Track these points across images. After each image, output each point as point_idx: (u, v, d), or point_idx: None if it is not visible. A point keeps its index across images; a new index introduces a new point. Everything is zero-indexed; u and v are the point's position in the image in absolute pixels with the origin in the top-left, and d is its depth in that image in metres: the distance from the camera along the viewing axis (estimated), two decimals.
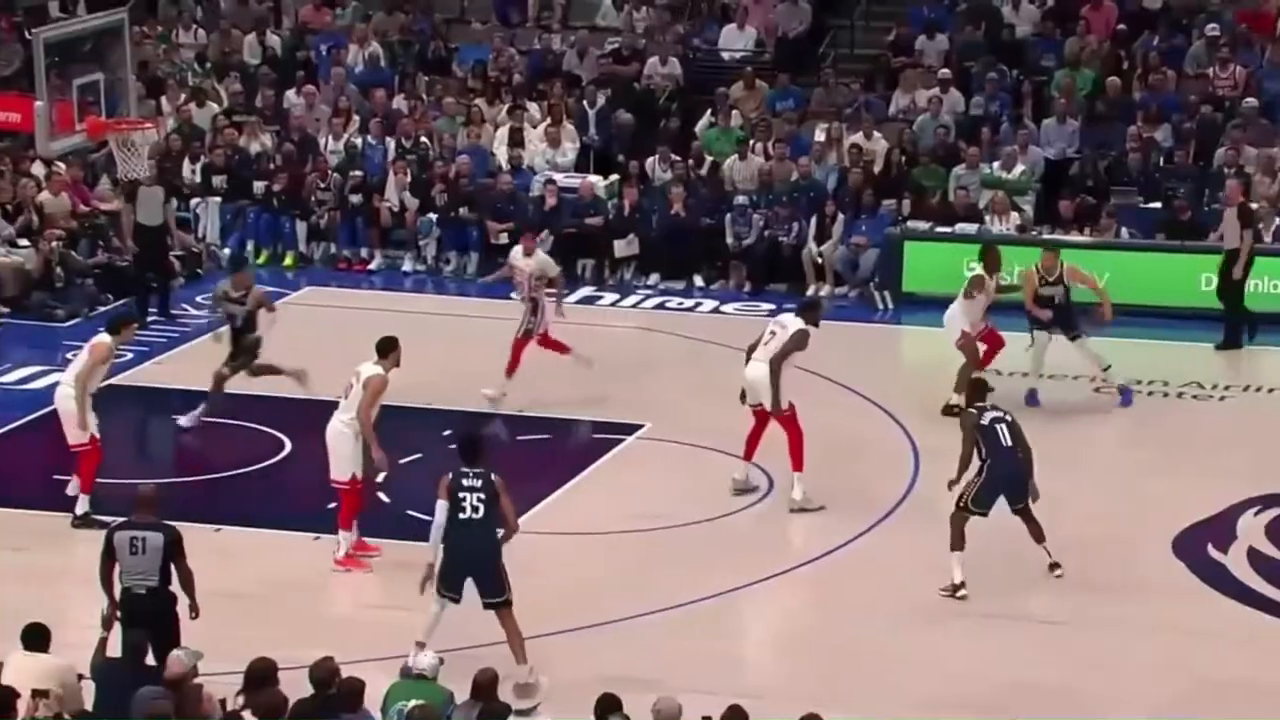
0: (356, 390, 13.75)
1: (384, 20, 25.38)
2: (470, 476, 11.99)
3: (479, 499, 11.89)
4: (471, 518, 11.91)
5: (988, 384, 14.02)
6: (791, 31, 25.02)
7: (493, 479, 12.00)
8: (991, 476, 13.32)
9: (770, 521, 14.82)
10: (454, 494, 11.96)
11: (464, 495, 11.91)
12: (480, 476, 11.99)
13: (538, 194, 22.05)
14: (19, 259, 19.97)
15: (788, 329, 14.91)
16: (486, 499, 11.91)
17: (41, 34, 16.93)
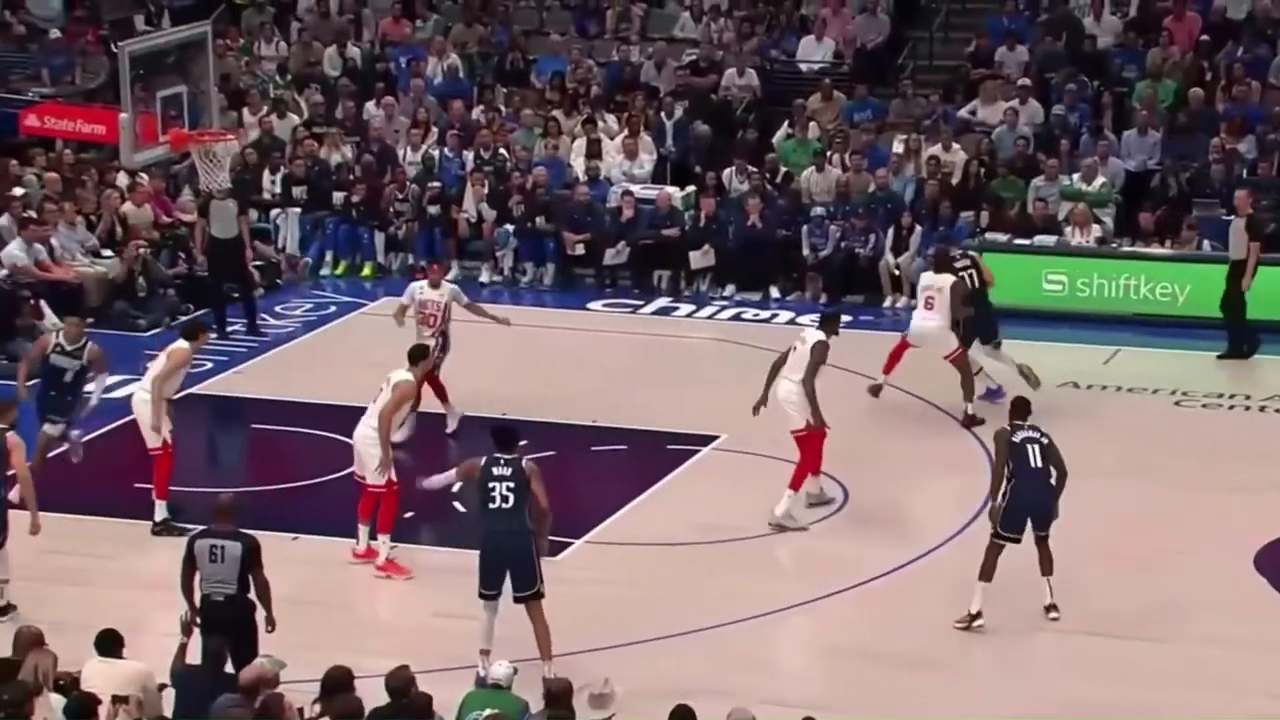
0: (385, 394, 13.79)
1: (463, 32, 25.53)
2: (501, 464, 11.88)
3: (508, 488, 11.80)
4: (501, 507, 11.81)
5: (1029, 403, 13.64)
6: (870, 43, 24.97)
7: (523, 466, 11.90)
8: (1016, 499, 12.98)
9: (846, 534, 14.76)
10: (483, 483, 11.88)
11: (493, 485, 11.83)
12: (511, 464, 11.87)
13: (614, 205, 22.10)
14: (102, 269, 20.20)
15: (807, 343, 14.84)
16: (516, 487, 11.80)
17: (127, 47, 17.15)
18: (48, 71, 24.47)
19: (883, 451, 16.29)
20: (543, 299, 21.54)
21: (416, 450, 15.69)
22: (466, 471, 12.11)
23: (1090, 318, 19.94)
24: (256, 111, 23.57)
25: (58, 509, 14.57)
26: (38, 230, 19.74)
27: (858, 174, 22.13)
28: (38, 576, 13.58)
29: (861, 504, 15.21)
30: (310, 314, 20.51)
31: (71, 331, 15.01)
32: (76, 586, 13.42)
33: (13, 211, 20.11)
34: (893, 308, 21.03)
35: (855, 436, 16.59)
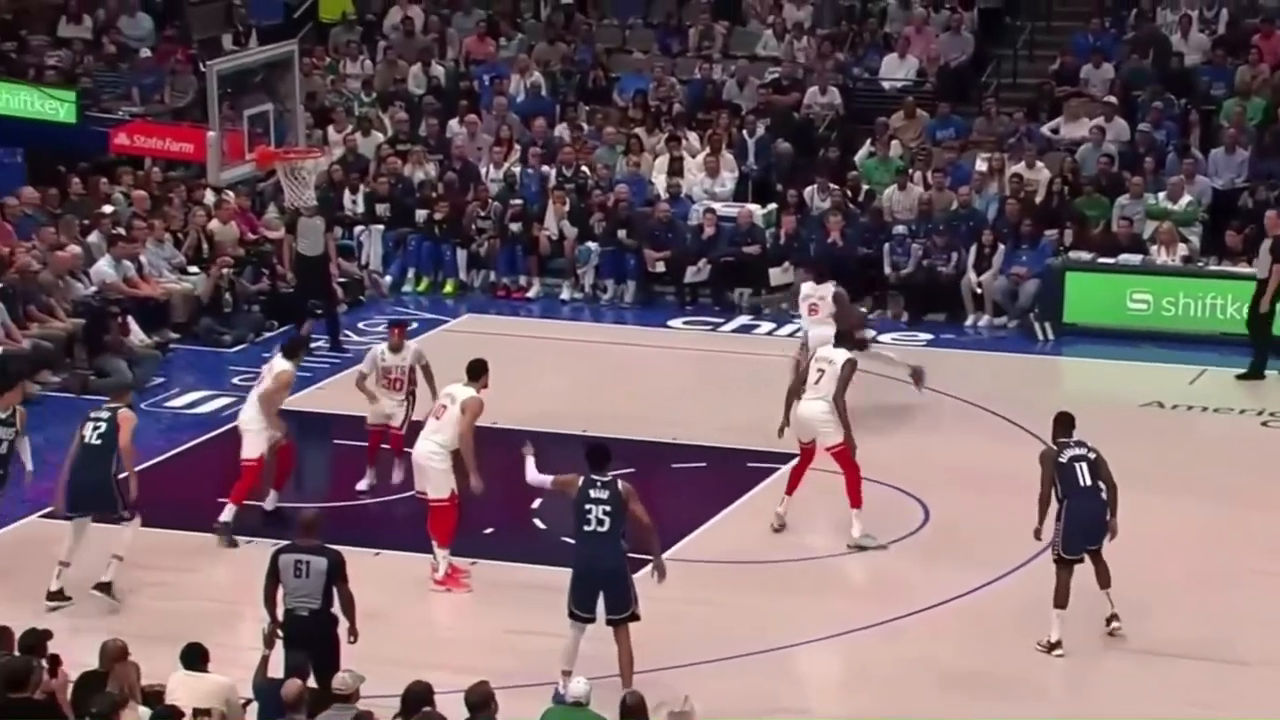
0: (452, 413, 13.84)
1: (546, 50, 25.68)
2: (598, 487, 11.94)
3: (604, 511, 11.84)
4: (596, 530, 11.84)
5: (1073, 418, 13.41)
6: (953, 61, 24.91)
7: (619, 488, 11.94)
8: (1070, 520, 12.83)
9: (924, 554, 14.71)
10: (580, 505, 11.90)
11: (590, 507, 11.87)
12: (607, 487, 11.93)
13: (696, 222, 22.15)
14: (189, 285, 20.45)
15: (836, 363, 14.87)
16: (612, 510, 11.83)
17: (215, 66, 17.36)
18: (138, 91, 24.80)
19: (960, 471, 16.22)
20: (623, 316, 21.61)
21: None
22: (563, 485, 12.12)
23: (1175, 337, 19.79)
24: (342, 129, 23.80)
25: (144, 523, 14.79)
26: (126, 247, 20.02)
27: (940, 192, 22.07)
28: (121, 589, 13.77)
29: (941, 524, 15.15)
30: None
31: (8, 399, 13.88)
32: (160, 600, 13.58)
33: (102, 229, 20.41)
34: (974, 326, 20.96)
35: (932, 456, 16.56)
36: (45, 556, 14.49)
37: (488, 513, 14.77)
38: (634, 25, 26.59)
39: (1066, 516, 12.86)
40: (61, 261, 19.42)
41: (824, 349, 15.38)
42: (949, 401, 18.20)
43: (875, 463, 16.06)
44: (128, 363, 18.60)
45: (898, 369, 17.47)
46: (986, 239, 21.11)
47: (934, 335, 20.69)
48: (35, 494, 15.90)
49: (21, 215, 20.46)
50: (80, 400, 18.14)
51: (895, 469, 16.10)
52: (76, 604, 13.46)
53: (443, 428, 13.89)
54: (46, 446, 17.22)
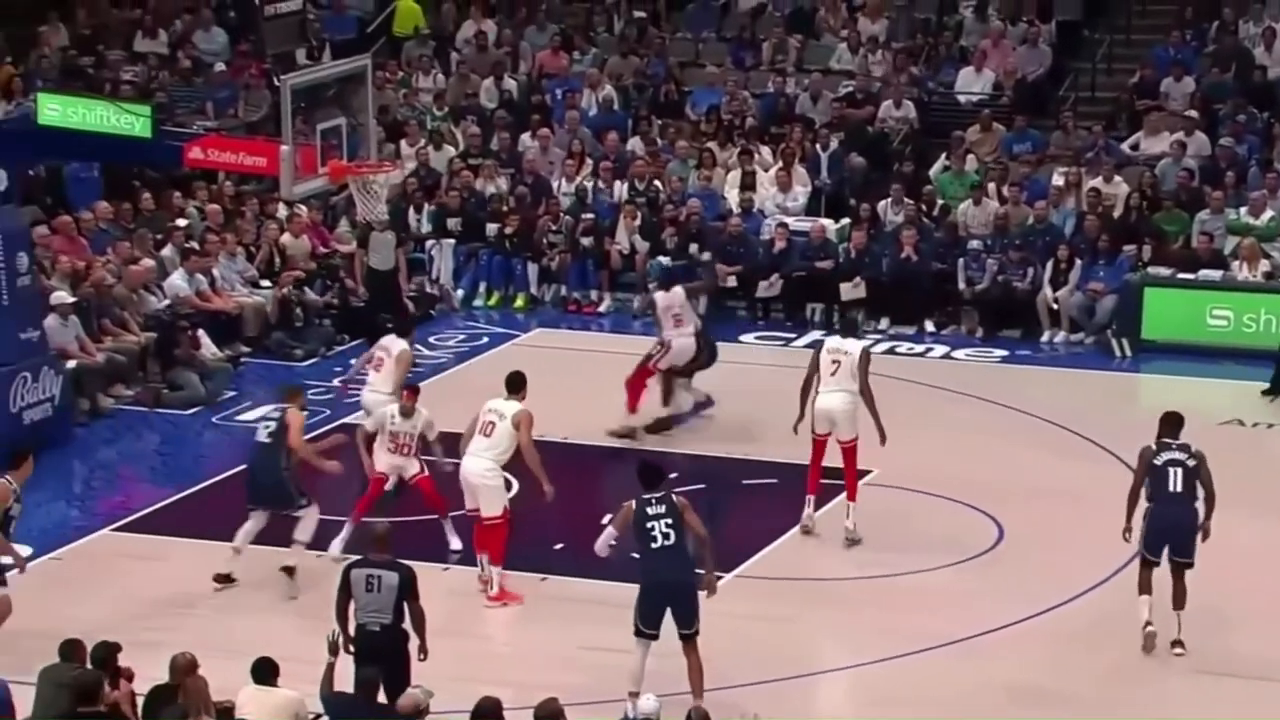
0: (503, 428, 13.84)
1: (619, 64, 25.74)
2: (654, 504, 11.98)
3: (667, 525, 11.89)
4: (664, 545, 11.88)
5: (1181, 419, 13.27)
6: (1030, 74, 24.79)
7: (674, 500, 12.01)
8: (1153, 522, 12.84)
9: (997, 573, 14.62)
10: (641, 525, 11.92)
11: (651, 525, 11.91)
12: (663, 501, 11.99)
13: (767, 237, 22.13)
14: (261, 299, 20.60)
15: (853, 354, 15.03)
16: (674, 523, 11.89)
17: (289, 80, 17.46)
18: (212, 105, 25.04)
19: (1034, 489, 16.12)
20: None
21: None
22: (623, 519, 12.15)
23: (1256, 354, 19.58)
24: (414, 143, 23.94)
25: (214, 537, 14.93)
26: (199, 261, 20.21)
27: (1016, 206, 21.96)
28: (194, 603, 13.89)
29: (1014, 543, 15.05)
30: (463, 345, 20.76)
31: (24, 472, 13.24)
32: (230, 615, 13.68)
33: (175, 242, 20.61)
34: (1050, 342, 20.83)
35: (1006, 474, 16.46)
36: (116, 569, 14.65)
37: (557, 528, 14.80)
38: (707, 39, 26.61)
39: (1150, 518, 12.91)
40: (135, 275, 19.62)
41: (832, 340, 15.51)
42: (1024, 419, 18.09)
43: (948, 480, 16.03)
44: (199, 376, 18.76)
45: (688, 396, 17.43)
46: (1063, 254, 20.97)
47: (1009, 351, 20.57)
48: (107, 507, 16.10)
49: (96, 229, 20.70)
50: (152, 414, 18.37)
51: (968, 486, 16.03)
52: (148, 618, 13.55)
53: (494, 444, 13.89)
54: (119, 460, 17.47)
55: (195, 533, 15.27)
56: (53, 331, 17.90)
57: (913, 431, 17.41)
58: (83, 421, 17.93)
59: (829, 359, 15.09)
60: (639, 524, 11.95)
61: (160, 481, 16.76)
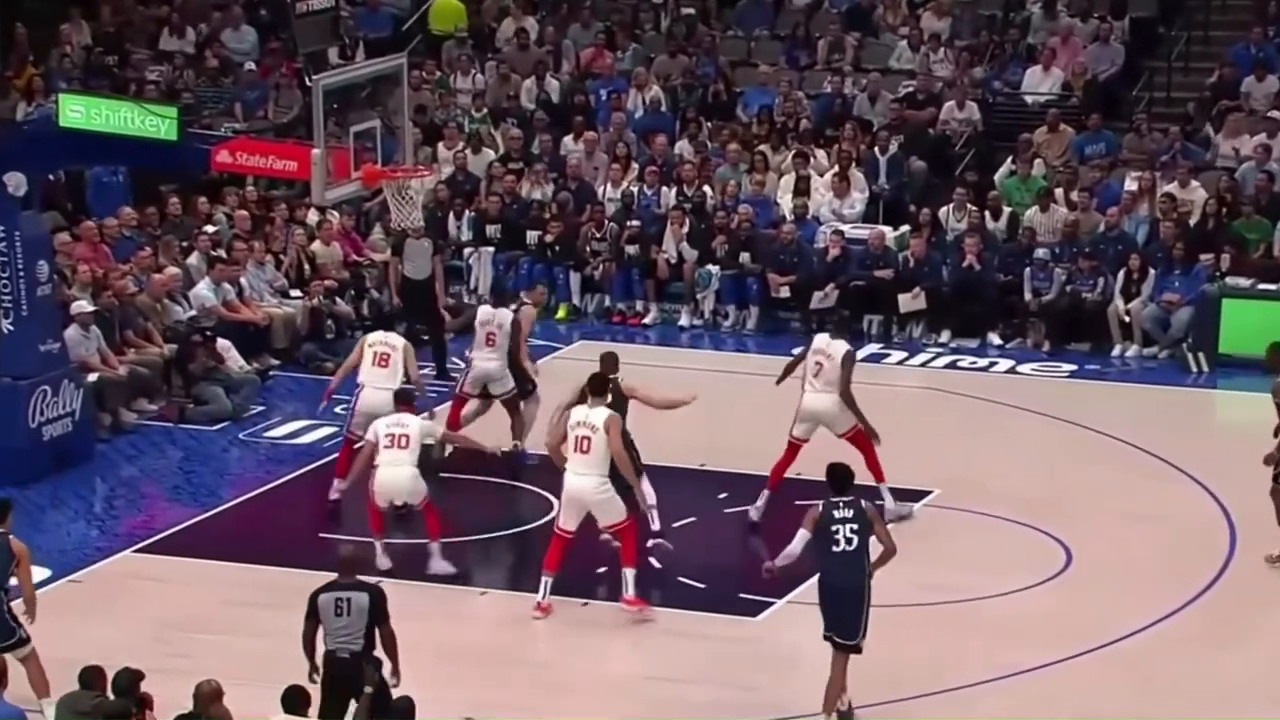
0: (599, 441, 13.98)
1: (666, 63, 25.76)
2: (841, 507, 12.22)
3: (852, 530, 12.13)
4: (845, 550, 12.13)
5: None
6: (1102, 73, 24.69)
7: (864, 507, 12.25)
8: None
9: (1070, 595, 14.56)
10: (825, 526, 12.16)
11: (836, 528, 12.15)
12: (851, 506, 12.23)
13: (822, 245, 22.10)
14: (291, 310, 20.67)
15: (836, 356, 15.46)
16: (860, 529, 12.14)
17: (321, 80, 17.52)
18: (241, 106, 25.18)
19: (1105, 510, 16.04)
20: (745, 344, 21.58)
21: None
22: (812, 521, 12.35)
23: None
24: (452, 146, 24.01)
25: (240, 559, 14.99)
26: (227, 270, 20.29)
27: (1086, 213, 21.87)
28: (219, 628, 13.95)
29: (1084, 567, 14.99)
30: None
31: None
32: (256, 640, 13.71)
33: (201, 249, 20.69)
34: (1122, 356, 20.73)
35: (1076, 494, 16.40)
36: (138, 592, 14.72)
37: (600, 550, 14.82)
38: (759, 37, 26.60)
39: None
40: (159, 284, 19.71)
41: (820, 339, 15.79)
42: (1093, 437, 18.01)
43: (1013, 500, 15.98)
44: (225, 390, 18.82)
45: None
46: (1135, 263, 20.88)
47: (1078, 366, 20.49)
48: (129, 528, 16.18)
49: (120, 236, 20.82)
50: (177, 430, 18.46)
51: (1034, 507, 15.98)
52: (171, 643, 13.59)
53: (594, 460, 14.04)
54: (142, 478, 17.56)
55: (220, 555, 15.33)
56: (73, 343, 18.00)
57: (975, 450, 17.40)
58: (104, 437, 18.02)
59: (813, 360, 15.57)
60: (823, 526, 12.17)
61: (184, 501, 16.83)
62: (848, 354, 15.47)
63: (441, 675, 12.91)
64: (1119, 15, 25.23)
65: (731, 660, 13.44)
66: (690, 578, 14.75)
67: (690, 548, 15.26)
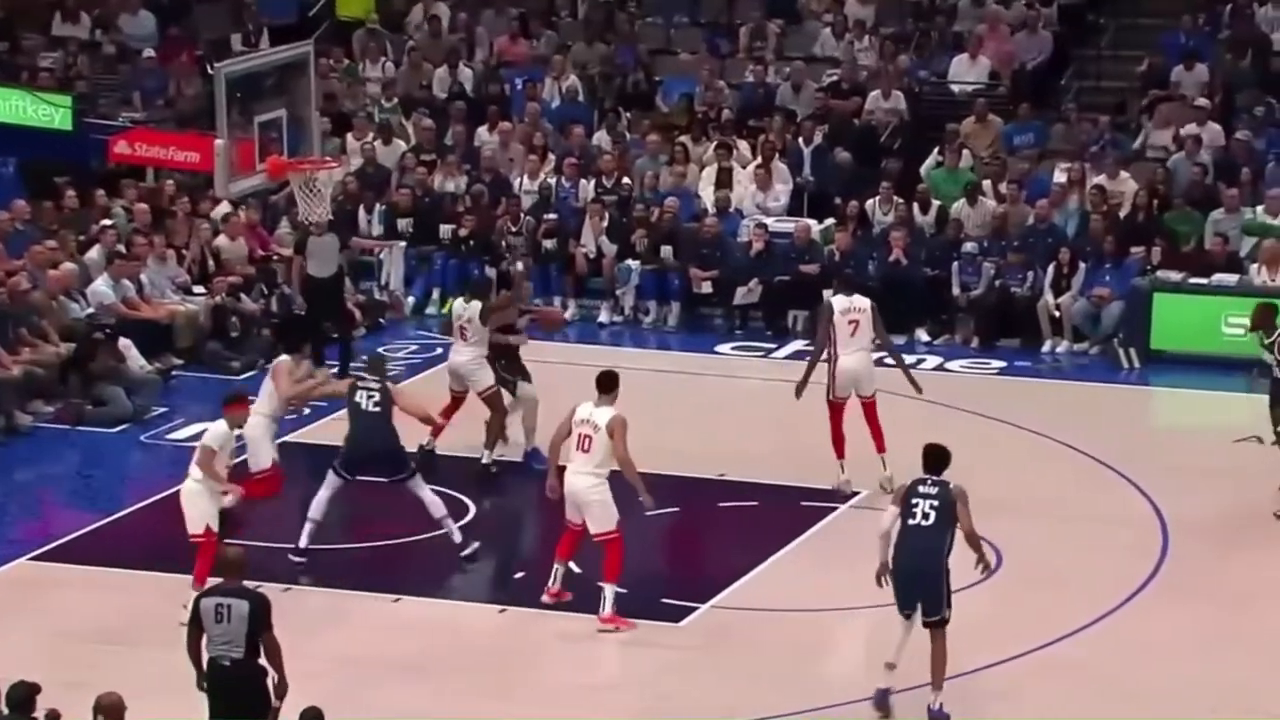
0: (601, 439, 14.07)
1: (583, 51, 25.77)
2: (928, 484, 12.63)
3: (931, 505, 12.48)
4: (920, 524, 12.46)
5: None
6: (1030, 62, 24.90)
7: (950, 488, 12.56)
8: None
9: (1003, 597, 14.64)
10: (907, 500, 12.54)
11: (917, 501, 12.53)
12: (938, 485, 12.60)
13: (746, 239, 22.18)
14: (194, 307, 20.54)
15: (867, 310, 16.36)
16: (940, 506, 12.46)
17: (224, 68, 17.43)
18: (139, 95, 24.99)
19: (1037, 511, 16.17)
20: (667, 341, 21.63)
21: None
22: (898, 499, 12.70)
23: None
24: (361, 137, 23.92)
25: (142, 566, 14.87)
26: (126, 266, 20.13)
27: (1015, 205, 22.04)
28: (120, 638, 13.83)
29: (1016, 568, 15.09)
30: (415, 356, 20.73)
31: None
32: (158, 650, 13.58)
33: (106, 244, 20.48)
34: (1052, 352, 20.91)
35: (1006, 495, 16.48)
36: (35, 601, 14.57)
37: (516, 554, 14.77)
38: (679, 24, 26.65)
39: None
40: (55, 281, 19.56)
41: (840, 299, 16.44)
42: (1023, 435, 18.15)
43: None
44: (126, 391, 18.69)
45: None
46: (1065, 257, 21.06)
47: (1007, 362, 20.64)
48: (25, 534, 16.03)
49: (13, 230, 20.61)
50: (74, 432, 18.30)
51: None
52: (69, 655, 13.47)
53: (593, 458, 14.11)
54: (39, 483, 17.39)
55: (121, 562, 15.22)
56: None
57: (903, 449, 17.42)
58: None
59: (845, 320, 16.20)
60: (905, 501, 12.57)
61: (83, 506, 16.70)
62: (874, 305, 16.45)
63: (364, 683, 12.93)
64: (1047, 2, 25.46)
65: (655, 667, 13.46)
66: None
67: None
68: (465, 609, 14.50)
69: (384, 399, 15.21)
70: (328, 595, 14.64)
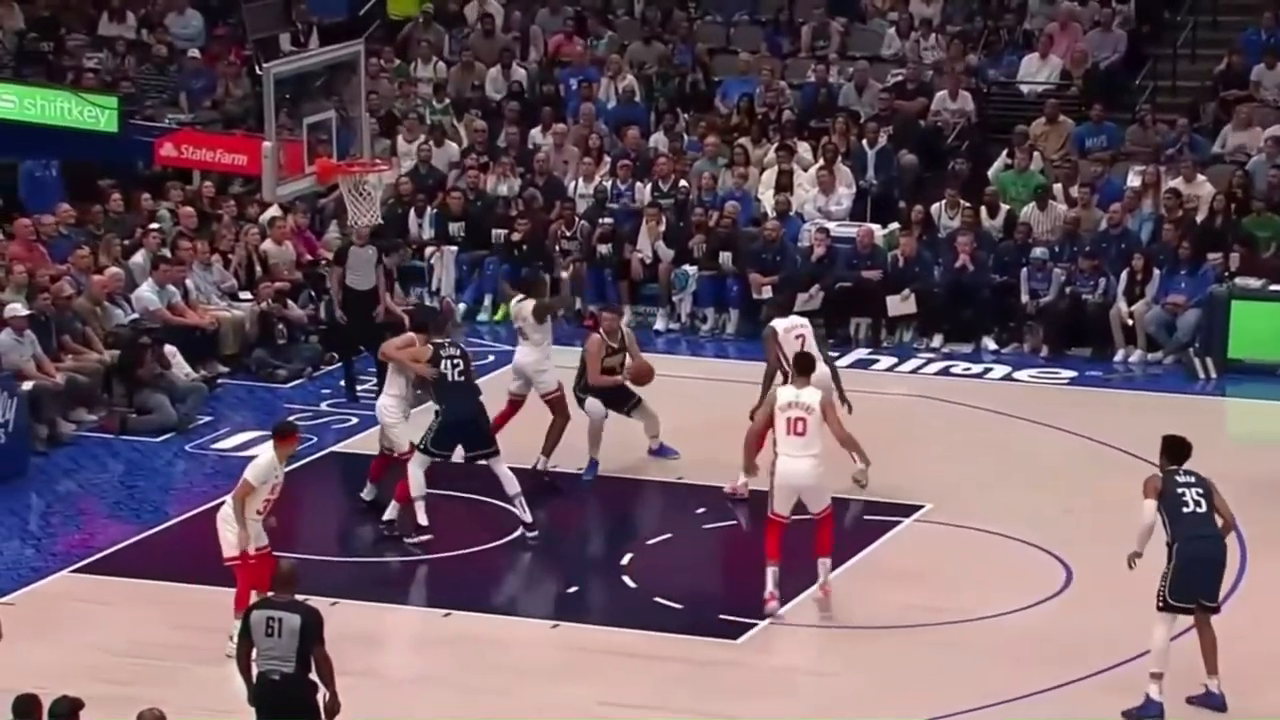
0: (815, 422, 14.49)
1: (640, 50, 25.84)
2: (1182, 474, 13.13)
3: (1198, 494, 13.02)
4: (1195, 511, 12.96)
5: None
6: (1104, 61, 24.82)
7: (1203, 476, 13.08)
8: None
9: (1070, 616, 14.64)
10: (1171, 492, 12.98)
11: (1183, 491, 13.01)
12: (1191, 474, 13.14)
13: (806, 244, 22.19)
14: (240, 313, 20.66)
15: (808, 328, 16.62)
16: (1205, 494, 13.04)
17: (272, 68, 17.54)
18: (186, 96, 25.18)
19: (1108, 526, 16.06)
20: (725, 349, 21.66)
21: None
22: (1153, 491, 13.09)
23: None
24: (412, 139, 24.04)
25: (186, 579, 14.99)
26: (171, 271, 20.25)
27: (1086, 210, 21.99)
28: (163, 653, 13.95)
29: (1086, 586, 15.06)
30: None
31: None
32: (204, 666, 13.70)
33: (149, 247, 20.63)
34: (1125, 362, 20.85)
35: (1076, 509, 16.45)
36: (76, 615, 14.71)
37: (573, 568, 14.83)
38: (739, 22, 26.70)
39: None
40: (99, 286, 19.71)
41: (786, 321, 16.59)
42: (1095, 447, 18.10)
43: (1010, 516, 16.05)
44: (170, 399, 18.82)
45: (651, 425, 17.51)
46: (1139, 263, 20.99)
47: (1078, 372, 20.58)
48: (66, 546, 16.17)
49: (57, 235, 20.80)
50: (118, 441, 18.45)
51: (1033, 523, 16.06)
52: (111, 669, 13.59)
53: (810, 441, 14.47)
54: (81, 493, 17.54)
55: (165, 575, 15.34)
56: (6, 349, 18.01)
57: (969, 461, 17.47)
58: (40, 450, 18.01)
59: (793, 335, 16.24)
60: (1169, 493, 12.98)
61: (126, 517, 16.82)
62: (812, 325, 16.71)
63: (398, 700, 12.99)
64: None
65: (712, 685, 13.49)
66: (667, 598, 14.80)
67: (667, 566, 15.32)
68: (517, 624, 14.55)
69: (466, 364, 15.70)
70: (376, 609, 14.72)
